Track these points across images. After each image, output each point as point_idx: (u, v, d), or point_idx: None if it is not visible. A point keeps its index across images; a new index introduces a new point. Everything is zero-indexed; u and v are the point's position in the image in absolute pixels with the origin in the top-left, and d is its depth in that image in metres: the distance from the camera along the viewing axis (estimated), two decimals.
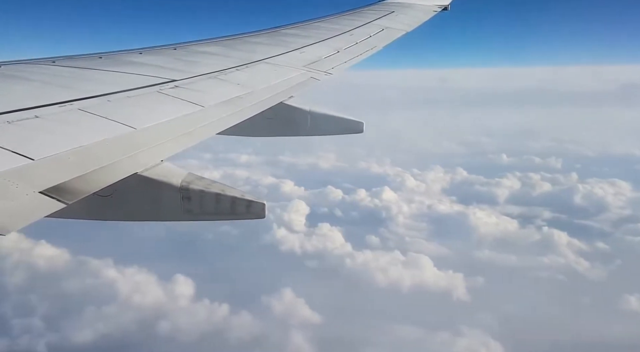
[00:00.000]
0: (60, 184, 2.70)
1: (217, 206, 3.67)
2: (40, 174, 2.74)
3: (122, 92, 4.50)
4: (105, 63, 5.66)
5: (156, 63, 5.93)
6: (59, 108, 3.76)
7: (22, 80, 4.41)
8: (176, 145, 3.82)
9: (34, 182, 2.63)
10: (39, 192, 2.57)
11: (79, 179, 2.83)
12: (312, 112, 6.26)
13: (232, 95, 5.22)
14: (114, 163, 3.18)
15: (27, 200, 2.50)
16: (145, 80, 5.06)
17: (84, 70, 5.19)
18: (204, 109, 4.62)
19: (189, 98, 4.77)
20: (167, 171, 3.61)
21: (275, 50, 7.48)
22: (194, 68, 5.88)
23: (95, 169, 3.01)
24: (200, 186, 3.66)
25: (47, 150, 2.98)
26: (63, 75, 4.90)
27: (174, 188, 3.58)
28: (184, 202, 3.64)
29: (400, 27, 10.30)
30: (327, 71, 7.03)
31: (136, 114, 4.04)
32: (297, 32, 9.08)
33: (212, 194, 3.65)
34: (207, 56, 6.69)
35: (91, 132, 3.48)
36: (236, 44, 7.76)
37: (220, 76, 5.79)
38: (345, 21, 10.22)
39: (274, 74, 6.45)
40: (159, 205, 3.68)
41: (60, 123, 3.51)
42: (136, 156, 3.41)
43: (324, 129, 6.43)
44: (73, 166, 2.93)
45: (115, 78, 5.02)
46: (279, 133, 6.42)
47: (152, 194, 3.57)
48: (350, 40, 8.89)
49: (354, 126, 6.56)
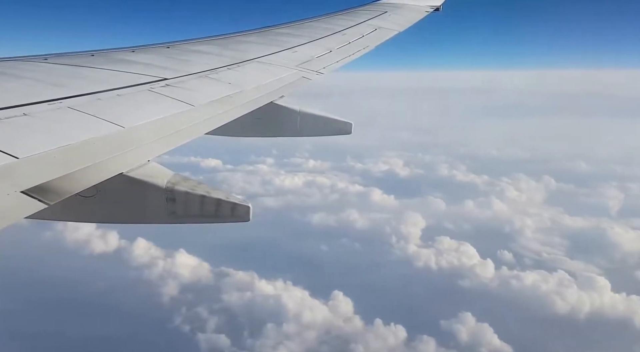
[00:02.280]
0: (43, 184, 2.67)
1: (202, 208, 3.64)
2: (24, 173, 2.71)
3: (113, 91, 4.49)
4: (97, 61, 5.65)
5: (148, 61, 5.92)
6: (48, 106, 3.75)
7: (12, 78, 4.39)
8: (164, 145, 3.80)
9: (16, 182, 2.60)
10: (20, 192, 2.54)
11: (63, 178, 2.81)
12: (302, 112, 6.27)
13: (223, 94, 5.22)
14: (100, 163, 3.16)
15: (7, 200, 2.47)
16: (137, 78, 5.06)
17: (76, 68, 5.17)
18: (194, 108, 4.61)
19: (179, 97, 4.77)
20: (153, 172, 3.59)
21: (267, 50, 7.48)
22: (185, 67, 5.88)
23: (80, 168, 2.98)
24: (185, 187, 3.62)
25: (33, 149, 2.96)
26: (54, 72, 4.88)
27: (159, 189, 3.55)
28: (168, 203, 3.60)
29: (393, 27, 10.33)
30: (318, 71, 7.05)
31: (126, 113, 4.03)
32: (290, 31, 9.09)
33: (197, 196, 3.62)
34: (199, 55, 6.70)
35: (79, 130, 3.47)
36: (229, 43, 7.77)
37: (212, 75, 5.80)
38: (338, 21, 10.23)
39: (265, 73, 6.46)
40: (143, 206, 3.65)
41: (48, 121, 3.49)
42: (123, 156, 3.39)
43: (313, 129, 6.44)
44: (58, 165, 2.91)
45: (107, 76, 5.01)
46: (268, 133, 6.42)
47: (136, 195, 3.54)
48: (343, 40, 8.91)
49: (343, 127, 6.57)
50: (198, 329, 50.55)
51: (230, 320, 51.94)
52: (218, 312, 53.09)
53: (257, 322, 50.99)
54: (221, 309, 53.59)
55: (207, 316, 52.48)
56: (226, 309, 53.75)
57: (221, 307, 54.06)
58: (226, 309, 53.66)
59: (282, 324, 50.49)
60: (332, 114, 6.60)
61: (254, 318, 51.73)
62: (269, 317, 51.55)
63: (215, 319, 52.01)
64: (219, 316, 52.41)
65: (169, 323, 51.68)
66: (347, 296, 54.53)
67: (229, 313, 53.10)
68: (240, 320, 52.00)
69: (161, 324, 51.69)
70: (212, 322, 51.49)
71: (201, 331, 50.17)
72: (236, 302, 55.00)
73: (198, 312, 53.06)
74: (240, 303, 54.85)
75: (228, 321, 51.65)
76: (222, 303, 54.79)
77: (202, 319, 52.06)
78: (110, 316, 51.86)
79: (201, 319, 52.07)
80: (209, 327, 50.83)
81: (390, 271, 61.60)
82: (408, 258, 64.33)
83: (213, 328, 50.59)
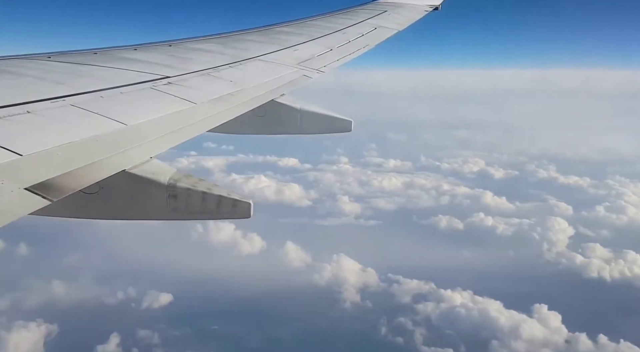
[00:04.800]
0: (46, 181, 2.69)
1: (203, 204, 3.65)
2: (27, 170, 2.73)
3: (115, 88, 4.52)
4: (100, 59, 5.68)
5: (150, 60, 5.95)
6: (51, 104, 3.78)
7: (16, 76, 4.43)
8: (166, 142, 3.84)
9: (20, 179, 2.62)
10: (24, 189, 2.56)
11: (66, 175, 2.83)
12: (303, 110, 6.30)
13: (224, 92, 5.25)
14: (102, 160, 3.19)
15: (11, 197, 2.48)
16: (139, 76, 5.09)
17: (79, 66, 5.20)
18: (196, 106, 4.64)
19: (181, 95, 4.80)
20: (155, 169, 3.61)
21: (268, 48, 7.52)
22: (187, 65, 5.91)
23: (83, 165, 3.00)
24: (187, 184, 3.65)
25: (36, 146, 2.98)
26: (57, 70, 4.91)
27: (161, 186, 3.58)
28: (170, 200, 3.62)
29: (393, 26, 10.38)
30: (319, 69, 7.08)
31: (128, 111, 4.06)
32: (291, 30, 9.12)
33: (198, 193, 3.64)
34: (201, 53, 6.73)
35: (82, 128, 3.50)
36: (230, 41, 7.80)
37: (213, 73, 5.83)
38: (339, 20, 10.28)
39: (266, 71, 6.49)
40: (145, 203, 3.66)
41: (51, 119, 3.52)
42: (125, 153, 3.42)
43: (314, 127, 6.47)
44: (61, 162, 2.93)
45: (109, 74, 5.04)
46: (269, 131, 6.45)
47: (138, 192, 3.55)
48: (343, 38, 8.95)
49: (343, 125, 6.60)
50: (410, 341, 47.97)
51: (438, 333, 49.09)
52: (420, 323, 50.68)
53: (471, 337, 47.95)
54: (422, 320, 51.09)
55: (412, 327, 50.18)
56: (426, 320, 51.15)
57: (421, 318, 51.50)
58: (426, 320, 51.07)
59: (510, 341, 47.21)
60: (332, 112, 6.63)
61: (464, 333, 48.51)
62: (478, 331, 48.69)
63: (421, 330, 49.55)
64: (424, 328, 49.89)
65: (374, 333, 49.39)
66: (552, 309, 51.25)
67: (431, 325, 50.45)
68: (447, 333, 48.86)
69: (364, 333, 49.33)
70: (418, 334, 49.03)
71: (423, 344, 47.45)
72: (432, 313, 52.14)
73: (401, 322, 50.70)
74: (439, 314, 51.92)
75: (438, 335, 48.82)
76: (420, 314, 52.12)
77: (408, 330, 49.78)
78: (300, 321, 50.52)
79: (407, 330, 49.79)
80: (417, 338, 48.47)
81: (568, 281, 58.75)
82: (576, 268, 61.60)
83: (422, 340, 48.18)
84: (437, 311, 52.72)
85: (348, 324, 50.92)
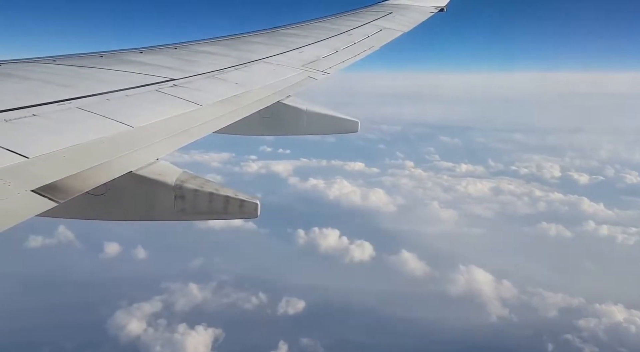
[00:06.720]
0: (53, 183, 2.70)
1: (210, 205, 3.66)
2: (35, 173, 2.74)
3: (121, 91, 4.53)
4: (105, 62, 5.70)
5: (156, 62, 5.97)
6: (58, 106, 3.78)
7: (22, 79, 4.44)
8: (172, 144, 3.84)
9: (27, 181, 2.63)
10: (31, 191, 2.57)
11: (73, 177, 2.83)
12: (309, 111, 6.29)
13: (230, 94, 5.25)
14: (109, 161, 3.19)
15: (18, 198, 2.49)
16: (145, 79, 5.10)
17: (85, 69, 5.22)
18: (202, 108, 4.65)
19: (187, 97, 4.80)
20: (161, 170, 3.62)
21: (273, 50, 7.52)
22: (193, 67, 5.92)
23: (90, 167, 3.01)
24: (194, 185, 3.65)
25: (43, 149, 2.99)
26: (63, 73, 4.92)
27: (168, 187, 3.58)
28: (177, 201, 3.63)
29: (398, 27, 10.37)
30: (324, 71, 7.08)
31: (134, 113, 4.07)
32: (296, 32, 9.13)
33: (206, 193, 3.64)
34: (206, 56, 6.74)
35: (88, 130, 3.50)
36: (235, 43, 7.81)
37: (219, 75, 5.83)
38: (344, 22, 10.28)
39: (272, 73, 6.49)
40: (152, 204, 3.67)
41: (58, 121, 3.53)
42: (132, 155, 3.42)
43: (321, 128, 6.46)
44: (67, 164, 2.94)
45: (115, 77, 5.05)
46: (275, 132, 6.45)
47: (145, 193, 3.56)
48: (349, 40, 8.94)
49: (350, 126, 6.57)
50: None
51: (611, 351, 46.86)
52: (587, 340, 48.30)
53: None
54: (589, 337, 48.67)
55: (580, 344, 48.05)
56: (593, 337, 48.70)
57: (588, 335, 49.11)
58: (593, 337, 48.64)
59: None
60: (338, 113, 6.61)
61: None
62: None
63: (591, 347, 47.32)
64: (593, 344, 47.70)
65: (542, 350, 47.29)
66: None
67: (600, 342, 48.10)
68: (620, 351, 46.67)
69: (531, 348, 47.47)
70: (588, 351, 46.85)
71: None
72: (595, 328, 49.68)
73: (568, 340, 48.38)
74: (603, 330, 49.50)
75: None
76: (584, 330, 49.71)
77: (577, 347, 47.64)
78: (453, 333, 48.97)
79: (575, 347, 47.65)
80: None
81: None
82: None
83: None
84: (600, 326, 50.24)
85: (507, 340, 48.62)
